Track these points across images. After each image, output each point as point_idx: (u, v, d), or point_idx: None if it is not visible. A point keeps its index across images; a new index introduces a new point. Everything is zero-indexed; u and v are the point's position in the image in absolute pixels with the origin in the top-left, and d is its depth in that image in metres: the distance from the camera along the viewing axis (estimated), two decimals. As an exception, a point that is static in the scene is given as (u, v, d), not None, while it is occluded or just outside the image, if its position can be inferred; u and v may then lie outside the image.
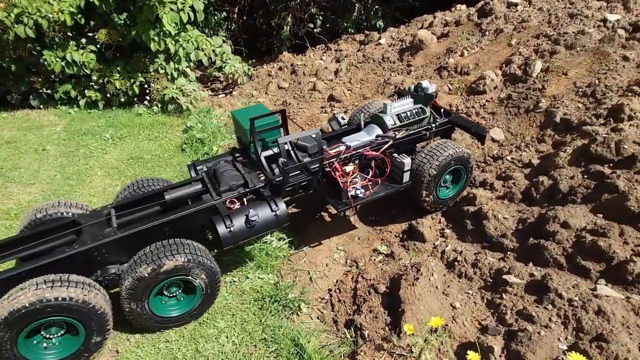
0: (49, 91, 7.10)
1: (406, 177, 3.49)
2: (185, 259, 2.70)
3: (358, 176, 3.44)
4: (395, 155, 3.54)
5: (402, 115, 3.66)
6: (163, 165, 5.33)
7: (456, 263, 3.15)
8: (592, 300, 2.41)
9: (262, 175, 3.36)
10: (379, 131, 3.65)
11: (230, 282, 3.36)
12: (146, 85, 7.06)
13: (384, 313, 2.86)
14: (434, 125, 3.75)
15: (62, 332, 2.59)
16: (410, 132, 3.67)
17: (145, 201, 3.20)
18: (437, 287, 2.88)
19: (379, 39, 7.39)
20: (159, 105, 6.95)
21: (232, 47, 8.09)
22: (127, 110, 7.09)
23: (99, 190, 4.77)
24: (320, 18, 9.46)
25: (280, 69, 7.99)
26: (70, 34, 6.71)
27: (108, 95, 7.05)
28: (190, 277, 2.78)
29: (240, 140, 3.81)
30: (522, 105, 4.48)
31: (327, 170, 3.33)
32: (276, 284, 3.31)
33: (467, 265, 3.10)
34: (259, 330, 2.91)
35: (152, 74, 6.95)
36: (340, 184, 3.27)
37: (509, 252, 3.15)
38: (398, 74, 6.16)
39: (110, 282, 2.84)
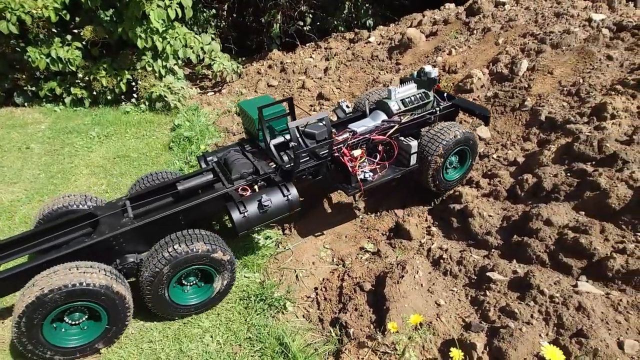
0: (33, 88, 6.98)
1: (413, 159, 3.57)
2: (206, 248, 2.77)
3: (366, 160, 3.52)
4: (402, 138, 3.61)
5: (407, 100, 3.74)
6: (150, 163, 5.28)
7: (441, 261, 3.17)
8: (573, 296, 2.43)
9: (271, 162, 3.47)
10: (384, 117, 3.72)
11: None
12: (133, 83, 6.98)
13: (370, 311, 2.87)
14: (438, 108, 3.83)
15: (85, 318, 2.66)
16: (415, 116, 3.75)
17: (159, 192, 3.31)
18: (422, 284, 2.89)
19: (369, 37, 7.39)
20: (147, 103, 6.87)
21: (221, 44, 8.03)
22: (114, 108, 7.00)
23: (84, 189, 4.71)
24: (310, 16, 9.43)
25: (269, 67, 7.95)
26: (55, 31, 6.60)
27: (94, 92, 6.94)
28: (209, 266, 2.85)
29: (248, 130, 3.89)
30: (508, 104, 4.51)
31: (336, 156, 3.39)
32: (262, 282, 3.30)
33: (453, 263, 3.11)
34: (243, 330, 2.90)
35: (140, 71, 6.86)
36: (349, 168, 3.34)
37: (493, 250, 3.17)
38: (387, 72, 6.17)
39: (129, 270, 2.92)
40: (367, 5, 9.71)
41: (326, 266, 3.48)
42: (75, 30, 6.83)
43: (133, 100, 7.01)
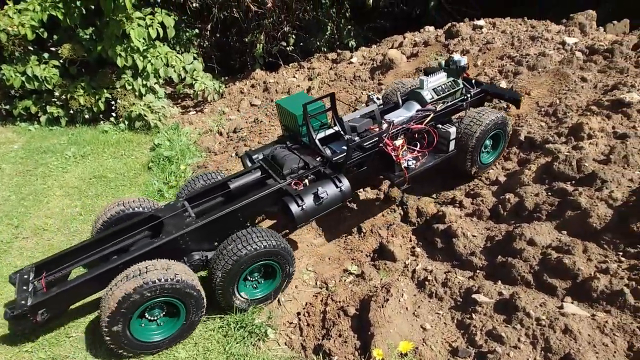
0: (7, 107, 6.77)
1: (452, 145, 3.67)
2: (275, 243, 2.93)
3: (407, 149, 3.60)
4: (440, 125, 3.70)
5: (438, 89, 3.89)
6: (127, 184, 5.12)
7: (427, 282, 3.11)
8: (559, 318, 2.40)
9: (317, 157, 3.54)
10: (417, 106, 3.84)
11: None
12: (113, 102, 6.84)
13: (354, 337, 2.77)
14: (469, 95, 3.95)
15: (163, 313, 2.78)
16: (448, 103, 3.87)
17: (212, 192, 3.45)
18: (407, 308, 2.82)
19: (351, 57, 7.49)
20: (126, 122, 6.73)
21: (204, 64, 8.00)
22: (91, 127, 6.83)
23: (56, 211, 4.51)
24: (294, 37, 9.53)
25: (252, 86, 7.94)
26: (32, 48, 6.46)
27: (71, 111, 6.77)
28: (275, 261, 3.00)
29: (288, 128, 3.93)
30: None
31: (380, 146, 3.45)
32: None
33: (438, 285, 3.06)
34: (222, 360, 2.75)
35: (119, 90, 6.74)
36: (394, 157, 3.40)
37: (478, 271, 3.14)
38: (369, 92, 6.22)
39: (195, 268, 3.02)
40: (349, 26, 9.90)
41: (309, 290, 3.37)
42: (53, 48, 6.71)
43: (112, 119, 6.86)
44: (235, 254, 2.82)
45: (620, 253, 2.74)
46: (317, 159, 3.52)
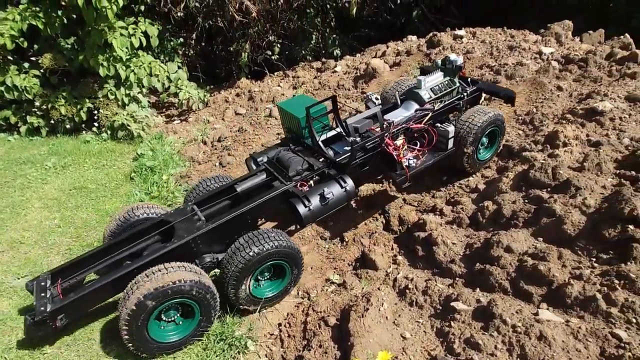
0: (-15, 117, 6.65)
1: (451, 143, 3.78)
2: (286, 243, 3.03)
3: (407, 148, 3.69)
4: (438, 124, 3.79)
5: (436, 88, 3.97)
6: (109, 195, 5.06)
7: (407, 291, 3.12)
8: (534, 325, 2.43)
9: (321, 158, 3.61)
10: (416, 106, 3.92)
11: (174, 320, 3.15)
12: (95, 112, 6.77)
13: (334, 347, 2.77)
14: (465, 94, 4.04)
15: (178, 314, 2.85)
16: (446, 102, 3.96)
17: (220, 195, 3.53)
18: (387, 317, 2.83)
19: (335, 66, 7.55)
20: (109, 132, 6.66)
21: (189, 73, 7.99)
22: (73, 137, 6.75)
23: (34, 224, 4.43)
24: (279, 46, 9.58)
25: (237, 95, 7.94)
26: (11, 58, 6.38)
27: (52, 121, 6.69)
28: (284, 260, 3.08)
29: (290, 130, 3.99)
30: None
31: (381, 146, 3.55)
32: (222, 320, 3.13)
33: (418, 293, 3.08)
34: (201, 374, 2.72)
35: (101, 99, 6.69)
36: (395, 156, 3.48)
37: (457, 278, 3.17)
38: (353, 100, 6.28)
39: (207, 270, 3.09)
40: (334, 35, 10.00)
41: (291, 300, 3.36)
42: (34, 58, 6.63)
43: (94, 129, 6.79)
44: (247, 253, 2.89)
45: (594, 259, 2.79)
46: (321, 160, 3.59)
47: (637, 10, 7.81)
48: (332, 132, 3.83)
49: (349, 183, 3.35)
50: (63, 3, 5.83)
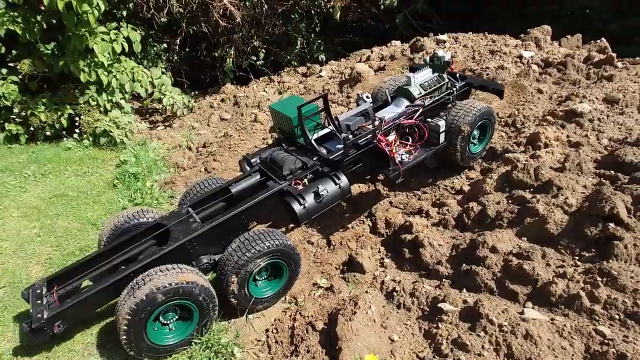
0: (-39, 125, 6.46)
1: (442, 138, 3.82)
2: (281, 241, 3.03)
3: (399, 144, 3.75)
4: (429, 119, 3.84)
5: (425, 84, 4.01)
6: (90, 202, 4.94)
7: (395, 293, 3.12)
8: (520, 324, 2.45)
9: (314, 157, 3.61)
10: (406, 102, 3.95)
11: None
12: (76, 118, 6.64)
13: (322, 352, 2.74)
14: (455, 89, 4.11)
15: (176, 317, 2.83)
16: (436, 98, 4.02)
17: (214, 197, 3.54)
18: (375, 320, 2.81)
19: (320, 71, 7.58)
20: (90, 139, 6.52)
21: (173, 78, 7.91)
22: (53, 144, 6.59)
23: (12, 233, 4.29)
24: (264, 51, 9.58)
25: (222, 100, 7.90)
26: (-12, 64, 6.22)
27: (32, 128, 6.52)
28: (281, 259, 3.08)
29: (283, 131, 4.02)
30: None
31: (374, 143, 3.57)
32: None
33: (406, 295, 3.08)
34: (187, 383, 2.66)
35: (83, 105, 6.55)
36: (387, 152, 3.52)
37: (444, 279, 3.18)
38: (338, 104, 6.30)
39: (204, 271, 3.09)
40: (319, 41, 10.05)
41: (278, 305, 3.32)
42: (12, 64, 6.47)
43: (75, 135, 6.64)
44: (244, 254, 2.90)
45: (577, 257, 2.84)
46: (314, 159, 3.59)
47: (612, 16, 8.07)
48: (325, 131, 3.84)
49: (343, 180, 3.36)
50: (42, 8, 5.72)
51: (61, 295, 2.92)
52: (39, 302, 2.76)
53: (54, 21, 6.10)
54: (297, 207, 3.15)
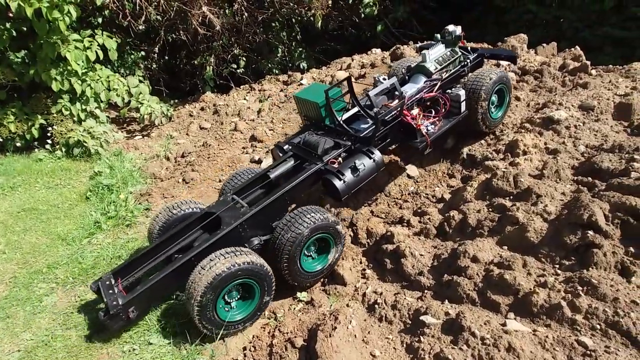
0: None
1: (463, 107, 3.98)
2: (333, 218, 3.28)
3: (423, 117, 3.92)
4: (449, 91, 4.03)
5: (440, 59, 4.24)
6: (61, 216, 4.74)
7: (376, 306, 3.05)
8: (502, 336, 2.40)
9: (344, 137, 3.79)
10: (424, 78, 4.16)
11: (129, 350, 2.93)
12: (48, 128, 6.41)
13: (302, 370, 2.64)
14: (468, 61, 4.35)
15: (239, 296, 3.03)
16: (452, 71, 4.24)
17: (254, 184, 3.71)
18: (355, 335, 2.73)
19: (301, 79, 7.52)
20: (63, 150, 6.31)
21: (151, 87, 7.74)
22: (24, 155, 6.35)
23: (-25, 251, 4.08)
24: (244, 59, 9.50)
25: (202, 109, 7.76)
26: (-46, 73, 5.97)
27: (1, 139, 6.27)
28: (329, 233, 3.28)
29: (309, 117, 4.21)
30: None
31: (400, 118, 3.77)
32: (184, 348, 2.94)
33: (387, 308, 3.00)
34: (159, 409, 2.51)
35: (55, 115, 6.35)
36: (414, 125, 3.74)
37: (426, 290, 3.12)
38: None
39: (256, 252, 3.17)
40: (300, 49, 10.02)
41: (256, 321, 3.20)
42: (-20, 73, 6.22)
43: (47, 146, 6.42)
44: (297, 227, 3.09)
45: (557, 266, 2.82)
46: (344, 138, 3.76)
47: (584, 25, 8.28)
48: (353, 110, 4.02)
49: (377, 154, 3.53)
50: (10, 15, 5.52)
51: (125, 286, 3.13)
52: (110, 291, 2.98)
53: (25, 29, 5.90)
54: (337, 182, 3.32)
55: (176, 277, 3.01)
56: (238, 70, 9.45)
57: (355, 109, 4.01)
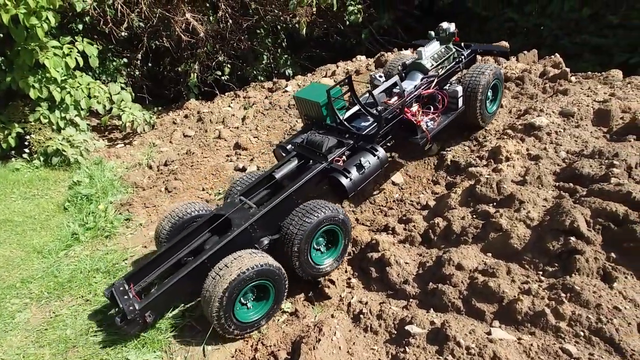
0: None
1: (460, 102, 4.09)
2: (332, 208, 3.29)
3: (422, 113, 4.01)
4: (446, 87, 4.14)
5: (435, 56, 4.37)
6: (38, 228, 4.59)
7: (362, 316, 3.00)
8: (487, 346, 2.38)
9: (345, 135, 3.84)
10: (421, 75, 4.26)
11: (107, 368, 2.82)
12: (26, 137, 6.24)
13: (285, 385, 2.57)
14: (463, 57, 4.48)
15: (253, 297, 3.05)
16: (447, 67, 4.36)
17: (261, 185, 3.73)
18: (340, 347, 2.68)
19: (286, 86, 7.49)
20: (41, 159, 6.15)
21: (133, 94, 7.62)
22: (0, 165, 6.15)
23: (-56, 266, 3.90)
24: (229, 66, 9.44)
25: (186, 116, 7.66)
26: None
27: (-25, 149, 6.08)
28: (337, 226, 3.34)
29: (310, 116, 4.24)
30: (417, 149, 4.68)
31: (401, 115, 3.87)
32: (163, 364, 2.84)
33: (373, 317, 2.96)
34: None
35: (33, 123, 6.19)
36: (414, 121, 3.84)
37: (411, 299, 3.08)
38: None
39: (266, 252, 3.20)
40: (286, 55, 10.01)
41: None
42: (-47, 80, 6.04)
43: (25, 155, 6.24)
44: (305, 222, 3.14)
45: (540, 272, 2.82)
46: (346, 137, 3.80)
47: (563, 32, 8.47)
48: (354, 109, 4.09)
49: (380, 151, 3.62)
50: (-14, 21, 5.38)
51: (138, 291, 3.14)
52: (126, 297, 2.99)
53: (1, 35, 5.76)
54: (344, 180, 3.40)
55: (190, 280, 3.02)
56: (223, 77, 9.37)
57: (356, 108, 4.08)
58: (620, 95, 4.41)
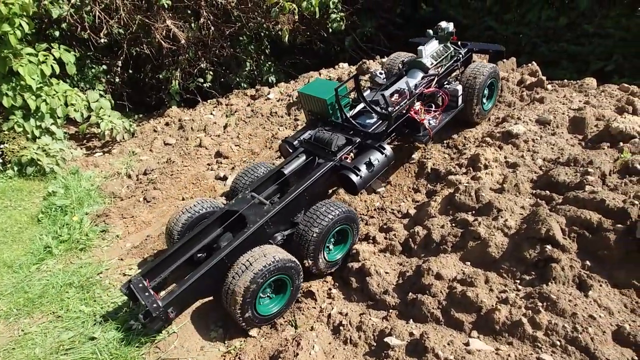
0: None
1: (460, 100, 4.23)
2: (345, 208, 3.40)
3: (424, 111, 4.12)
4: (447, 85, 4.26)
5: (435, 55, 4.50)
6: (9, 241, 4.43)
7: (341, 327, 2.96)
8: (465, 357, 2.37)
9: (351, 132, 3.93)
10: (421, 73, 4.35)
11: (75, 389, 2.71)
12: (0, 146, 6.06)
13: (262, 402, 2.50)
14: (461, 55, 4.63)
15: (271, 291, 3.13)
16: (446, 66, 4.50)
17: (270, 180, 3.80)
18: (318, 361, 2.63)
19: (269, 93, 7.46)
20: (15, 169, 5.96)
21: (112, 101, 7.47)
22: (-29, 176, 5.94)
23: None
24: (211, 73, 9.36)
25: (167, 124, 7.55)
26: None
27: (-56, 159, 5.87)
28: (348, 225, 3.47)
29: (313, 112, 4.30)
30: (398, 156, 4.69)
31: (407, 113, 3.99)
32: (136, 382, 2.75)
33: (352, 329, 2.92)
34: None
35: (7, 132, 6.00)
36: (417, 119, 3.97)
37: (391, 310, 3.06)
38: (286, 128, 6.18)
39: (280, 247, 3.24)
40: (269, 62, 9.97)
41: (216, 350, 3.05)
42: None
43: (-2, 165, 6.05)
44: (323, 220, 3.24)
45: (517, 281, 2.83)
46: (351, 134, 3.91)
47: (541, 40, 8.65)
48: (360, 107, 4.18)
49: (388, 149, 3.74)
50: (-44, 27, 5.22)
51: (153, 287, 3.16)
52: (147, 294, 3.00)
53: (-28, 41, 5.59)
54: (354, 177, 3.51)
55: (210, 276, 3.07)
56: (205, 85, 9.28)
57: (362, 106, 4.19)
58: (594, 103, 4.51)
